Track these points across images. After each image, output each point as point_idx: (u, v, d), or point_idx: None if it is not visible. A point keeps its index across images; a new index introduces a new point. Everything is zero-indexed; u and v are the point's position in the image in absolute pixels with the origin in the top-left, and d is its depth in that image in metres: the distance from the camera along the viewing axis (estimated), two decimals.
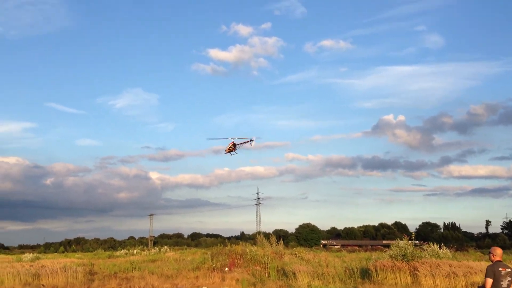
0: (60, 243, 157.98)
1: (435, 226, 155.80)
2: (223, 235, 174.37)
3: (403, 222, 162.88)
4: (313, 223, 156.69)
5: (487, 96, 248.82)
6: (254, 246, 33.13)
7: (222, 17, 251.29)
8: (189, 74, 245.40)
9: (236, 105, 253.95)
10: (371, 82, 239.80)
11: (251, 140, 42.44)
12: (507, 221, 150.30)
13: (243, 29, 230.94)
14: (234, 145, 43.70)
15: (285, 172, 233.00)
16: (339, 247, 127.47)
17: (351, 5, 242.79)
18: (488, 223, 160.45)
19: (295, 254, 32.61)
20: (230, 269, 29.20)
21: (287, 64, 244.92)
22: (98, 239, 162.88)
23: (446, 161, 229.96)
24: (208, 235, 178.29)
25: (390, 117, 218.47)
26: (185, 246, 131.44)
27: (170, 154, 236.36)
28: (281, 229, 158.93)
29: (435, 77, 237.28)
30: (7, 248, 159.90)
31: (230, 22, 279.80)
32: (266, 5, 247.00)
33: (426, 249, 27.61)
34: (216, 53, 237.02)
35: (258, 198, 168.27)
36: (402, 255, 24.44)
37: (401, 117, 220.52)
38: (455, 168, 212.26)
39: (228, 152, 44.21)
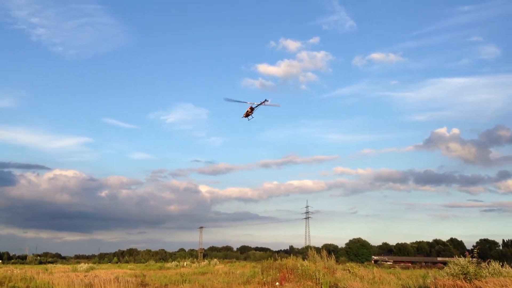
0: (114, 254, 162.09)
1: (494, 243, 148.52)
2: (272, 248, 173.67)
3: (459, 239, 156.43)
4: (363, 238, 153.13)
5: None
6: (305, 260, 32.35)
7: (271, 33, 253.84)
8: (238, 89, 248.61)
9: (285, 119, 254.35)
10: (423, 94, 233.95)
11: (265, 100, 43.05)
12: None
13: (292, 44, 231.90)
14: (252, 109, 44.23)
15: (334, 186, 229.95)
16: (391, 263, 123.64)
17: (401, 18, 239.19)
18: None
19: (348, 269, 31.54)
20: (281, 284, 28.57)
21: (336, 78, 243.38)
22: (149, 251, 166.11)
23: (504, 175, 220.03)
24: (256, 249, 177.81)
25: (443, 130, 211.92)
26: (234, 259, 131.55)
27: (219, 167, 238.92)
28: (330, 244, 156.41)
29: (491, 88, 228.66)
30: (64, 257, 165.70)
31: (278, 38, 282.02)
32: (314, 20, 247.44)
33: (487, 267, 25.91)
34: (265, 68, 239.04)
35: (307, 212, 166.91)
36: (464, 274, 23.00)
37: (455, 130, 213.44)
38: None
39: (246, 116, 44.77)
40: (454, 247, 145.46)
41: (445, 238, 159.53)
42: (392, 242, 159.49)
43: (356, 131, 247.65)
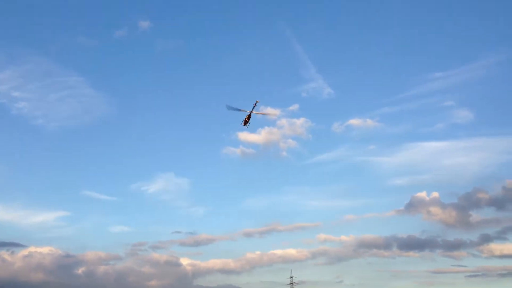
0: None
1: None
2: None
3: None
4: None
5: None
6: None
7: (251, 102, 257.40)
8: (219, 158, 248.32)
9: (266, 186, 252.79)
10: (401, 159, 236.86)
11: (256, 102, 45.47)
12: None
13: (272, 112, 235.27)
14: (249, 116, 45.58)
15: (317, 254, 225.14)
16: None
17: (376, 85, 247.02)
18: None
19: None
20: None
21: (316, 144, 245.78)
22: None
23: (486, 239, 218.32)
24: None
25: (423, 194, 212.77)
26: None
27: (201, 238, 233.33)
28: None
29: (467, 152, 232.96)
30: None
31: (258, 106, 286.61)
32: (293, 87, 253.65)
33: None
34: (245, 135, 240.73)
35: (291, 283, 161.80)
36: None
37: (435, 194, 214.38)
38: (496, 247, 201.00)
39: (245, 124, 45.95)
40: None
41: None
42: None
43: (338, 197, 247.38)
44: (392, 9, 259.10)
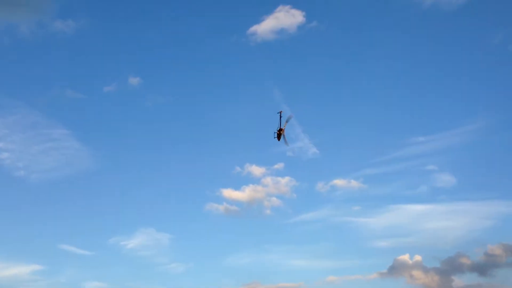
0: None
1: None
2: None
3: None
4: None
5: (505, 236, 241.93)
6: None
7: (236, 159, 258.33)
8: (202, 214, 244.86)
9: (248, 244, 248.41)
10: (385, 221, 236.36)
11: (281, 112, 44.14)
12: None
13: (257, 170, 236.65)
14: (280, 130, 44.14)
15: None
16: None
17: (361, 146, 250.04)
18: None
19: None
20: None
21: (300, 203, 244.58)
22: None
23: None
24: None
25: (406, 257, 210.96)
26: None
27: None
28: None
29: (450, 216, 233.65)
30: None
31: (244, 163, 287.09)
32: (279, 147, 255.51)
33: None
34: (229, 192, 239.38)
35: None
36: None
37: (418, 257, 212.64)
38: None
39: (278, 139, 44.51)
40: None
41: None
42: None
43: (321, 257, 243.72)
44: (377, 73, 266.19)
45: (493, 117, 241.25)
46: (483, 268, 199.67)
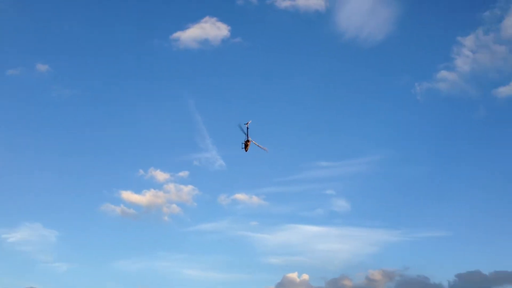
0: None
1: None
2: None
3: None
4: None
5: (385, 262, 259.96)
6: None
7: (141, 162, 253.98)
8: (96, 214, 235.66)
9: (142, 249, 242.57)
10: (280, 238, 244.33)
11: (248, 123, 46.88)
12: None
13: (160, 175, 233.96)
14: (247, 141, 45.66)
15: None
16: None
17: (267, 164, 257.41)
18: None
19: None
20: None
21: (200, 213, 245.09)
22: None
23: None
24: None
25: (294, 275, 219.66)
26: None
27: None
28: None
29: (341, 239, 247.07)
30: None
31: (148, 167, 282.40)
32: (186, 155, 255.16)
33: None
34: (128, 195, 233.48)
35: None
36: None
37: (305, 276, 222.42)
38: None
39: (246, 149, 46.12)
40: None
41: None
42: None
43: (214, 268, 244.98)
44: (292, 96, 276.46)
45: (389, 152, 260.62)
46: None
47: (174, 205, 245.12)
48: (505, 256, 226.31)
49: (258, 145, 46.08)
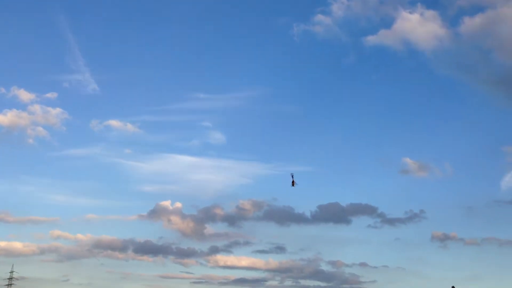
0: None
1: None
2: None
3: None
4: None
5: (256, 193, 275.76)
6: None
7: (1, 80, 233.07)
8: None
9: (2, 172, 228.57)
10: (155, 167, 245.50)
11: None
12: None
13: (25, 95, 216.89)
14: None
15: (47, 250, 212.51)
16: None
17: (144, 91, 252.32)
18: None
19: None
20: None
21: (70, 138, 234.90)
22: None
23: (214, 250, 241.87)
24: None
25: (167, 203, 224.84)
26: None
27: None
28: None
29: (215, 170, 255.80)
30: None
31: (10, 85, 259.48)
32: (56, 75, 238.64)
33: None
34: None
35: (10, 278, 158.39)
36: None
37: (178, 204, 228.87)
38: (221, 258, 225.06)
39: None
40: None
41: None
42: None
43: (83, 194, 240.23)
44: (177, 21, 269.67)
45: (265, 89, 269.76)
46: (232, 219, 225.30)
47: (40, 128, 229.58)
48: (359, 191, 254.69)
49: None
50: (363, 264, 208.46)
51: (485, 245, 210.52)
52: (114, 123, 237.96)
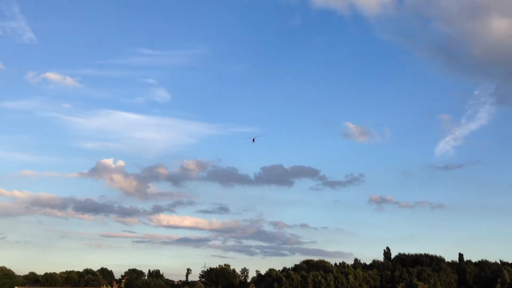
0: None
1: (141, 273, 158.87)
2: None
3: (109, 269, 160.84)
4: (9, 267, 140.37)
5: (200, 153, 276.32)
6: None
7: None
8: None
9: None
10: (96, 123, 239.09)
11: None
12: (205, 269, 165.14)
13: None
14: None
15: None
16: None
17: (84, 43, 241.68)
18: (188, 271, 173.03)
19: None
20: None
21: (5, 90, 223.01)
22: None
23: (158, 210, 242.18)
24: None
25: (109, 161, 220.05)
26: None
27: None
28: None
29: (159, 129, 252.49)
30: None
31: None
32: None
33: None
34: None
35: None
36: None
37: (121, 163, 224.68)
38: (164, 217, 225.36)
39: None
40: (104, 277, 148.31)
41: (96, 267, 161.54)
42: (41, 271, 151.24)
43: (19, 149, 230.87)
44: None
45: (213, 48, 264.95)
46: (177, 179, 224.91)
47: None
48: (302, 153, 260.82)
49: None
50: (303, 225, 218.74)
51: (418, 208, 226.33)
52: (52, 75, 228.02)
